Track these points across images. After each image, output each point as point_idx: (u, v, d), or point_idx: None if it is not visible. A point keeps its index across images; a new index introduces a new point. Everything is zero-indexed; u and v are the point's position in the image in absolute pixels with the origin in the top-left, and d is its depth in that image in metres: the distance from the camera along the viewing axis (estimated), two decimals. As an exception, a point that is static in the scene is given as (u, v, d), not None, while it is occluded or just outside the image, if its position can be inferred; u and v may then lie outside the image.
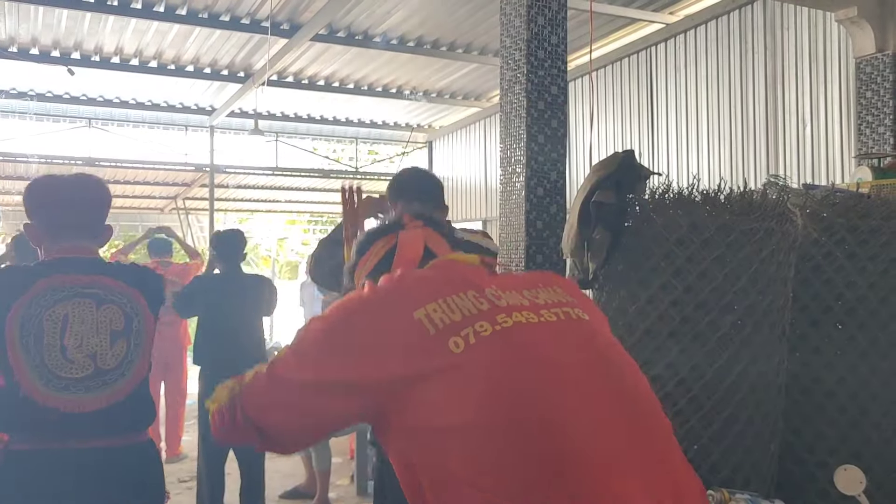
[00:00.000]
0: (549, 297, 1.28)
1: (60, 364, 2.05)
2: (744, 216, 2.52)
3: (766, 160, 5.61)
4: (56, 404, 2.03)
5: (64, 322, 2.08)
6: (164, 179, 10.67)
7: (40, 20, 6.22)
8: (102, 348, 2.11)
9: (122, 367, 2.14)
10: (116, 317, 2.16)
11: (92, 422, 2.08)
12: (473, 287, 1.22)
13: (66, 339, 2.08)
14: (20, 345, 2.03)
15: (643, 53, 6.73)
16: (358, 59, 7.49)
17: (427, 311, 1.17)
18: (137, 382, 2.19)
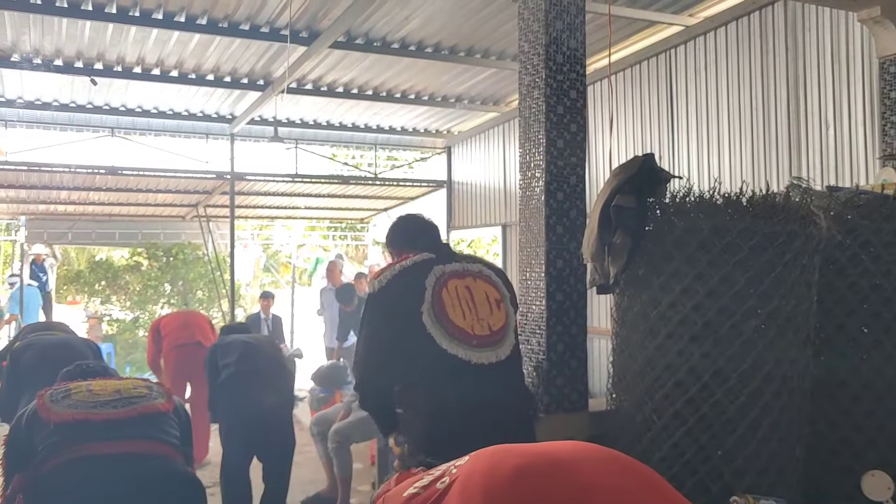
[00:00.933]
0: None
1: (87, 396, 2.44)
2: (766, 219, 2.50)
3: (788, 162, 5.56)
4: (86, 417, 2.27)
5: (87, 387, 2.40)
6: (186, 187, 10.77)
7: (64, 32, 6.30)
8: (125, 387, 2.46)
9: (146, 397, 2.48)
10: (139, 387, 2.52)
11: (120, 426, 2.23)
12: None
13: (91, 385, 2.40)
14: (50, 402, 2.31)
15: (663, 56, 6.69)
16: (376, 66, 7.52)
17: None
18: (162, 410, 2.42)
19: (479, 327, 2.42)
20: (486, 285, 2.54)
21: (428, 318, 2.37)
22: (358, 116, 9.62)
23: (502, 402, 2.42)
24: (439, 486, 1.18)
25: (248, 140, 9.93)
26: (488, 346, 2.42)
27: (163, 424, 2.30)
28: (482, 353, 2.40)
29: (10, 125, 8.54)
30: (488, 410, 2.34)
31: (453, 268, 2.51)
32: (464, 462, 1.21)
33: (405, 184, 11.40)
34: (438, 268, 2.48)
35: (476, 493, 1.11)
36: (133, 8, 5.88)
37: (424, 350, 2.38)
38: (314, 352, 10.63)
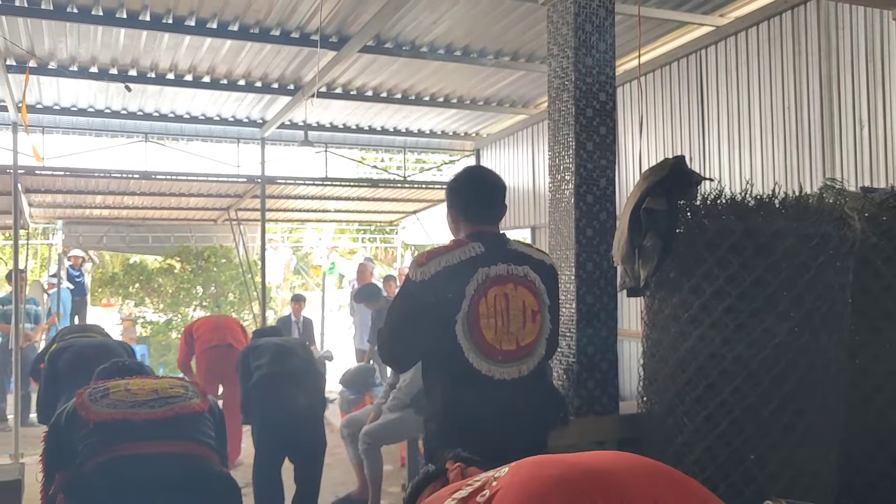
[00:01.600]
0: None
1: (125, 396, 2.47)
2: (799, 221, 2.48)
3: (821, 163, 5.49)
4: (125, 416, 2.29)
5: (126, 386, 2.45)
6: (217, 191, 10.90)
7: (99, 39, 6.42)
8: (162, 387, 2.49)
9: (183, 397, 2.54)
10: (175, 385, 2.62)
11: (159, 427, 2.27)
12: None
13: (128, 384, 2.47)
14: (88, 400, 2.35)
15: (693, 57, 6.64)
16: (405, 70, 7.56)
17: None
18: (198, 409, 2.46)
19: (507, 342, 2.40)
20: (527, 293, 2.47)
21: (460, 329, 2.36)
22: (387, 120, 9.67)
23: (520, 419, 2.42)
24: (479, 500, 1.16)
25: (279, 144, 10.03)
26: (513, 361, 2.41)
27: (199, 424, 2.33)
28: (505, 369, 2.40)
29: (48, 131, 8.71)
30: (505, 425, 2.36)
31: (497, 271, 2.43)
32: (503, 474, 1.19)
33: (434, 186, 11.43)
34: (483, 271, 2.42)
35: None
36: (166, 15, 5.98)
37: (450, 359, 2.38)
38: (345, 354, 10.71)
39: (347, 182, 11.04)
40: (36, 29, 6.16)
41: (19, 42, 6.29)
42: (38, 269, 15.26)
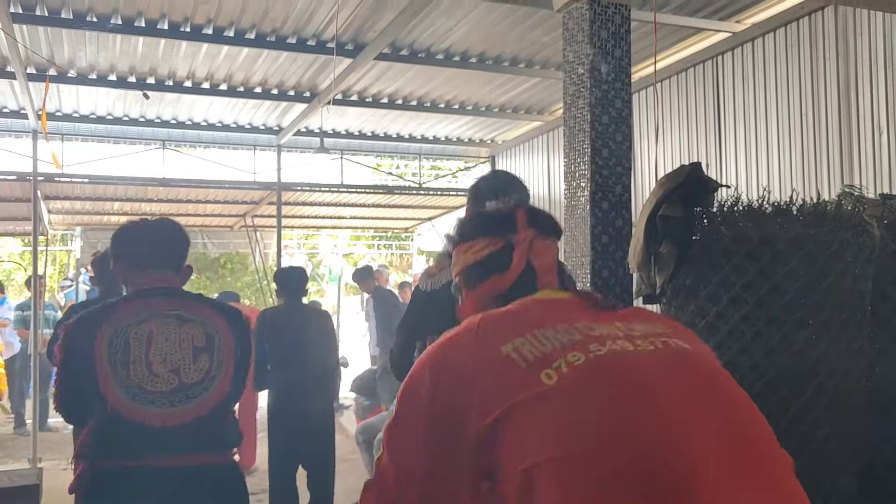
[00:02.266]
0: (645, 329, 1.20)
1: (146, 378, 2.14)
2: (818, 228, 2.45)
3: (839, 170, 5.44)
4: (142, 418, 2.11)
5: (148, 339, 2.19)
6: (234, 198, 10.96)
7: (118, 48, 6.49)
8: (185, 363, 2.19)
9: (205, 382, 2.21)
10: (198, 334, 2.26)
11: (176, 437, 2.14)
12: (564, 321, 1.17)
13: (150, 354, 2.17)
14: (108, 361, 2.14)
15: (709, 63, 6.62)
16: (421, 77, 7.58)
17: (515, 346, 1.11)
18: (220, 398, 2.25)
19: None
20: None
21: None
22: (402, 127, 9.70)
23: None
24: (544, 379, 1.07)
25: (295, 151, 10.08)
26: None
27: (220, 419, 2.28)
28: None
29: (67, 138, 8.80)
30: None
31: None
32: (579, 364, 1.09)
33: (449, 193, 11.45)
34: None
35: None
36: (184, 24, 6.03)
37: None
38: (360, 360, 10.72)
39: (363, 189, 11.08)
40: (56, 38, 6.23)
41: (40, 51, 6.37)
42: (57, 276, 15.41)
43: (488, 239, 1.38)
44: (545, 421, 1.03)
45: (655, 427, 1.03)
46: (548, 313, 1.20)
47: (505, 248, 1.35)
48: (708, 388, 1.14)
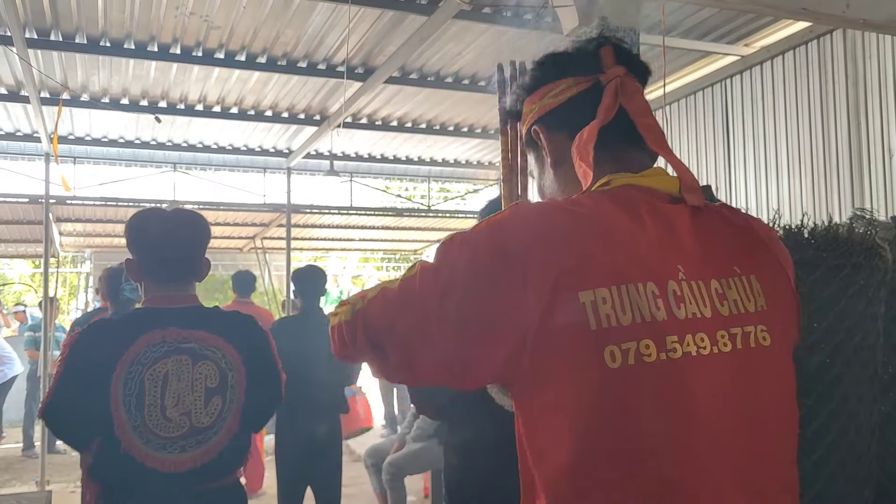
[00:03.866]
0: (738, 298, 1.06)
1: (159, 423, 2.10)
2: (829, 252, 2.44)
3: (850, 193, 5.43)
4: (154, 464, 2.07)
5: (164, 381, 2.12)
6: (244, 220, 11.01)
7: (131, 72, 6.56)
8: (197, 407, 2.15)
9: (216, 426, 2.17)
10: (212, 373, 2.20)
11: (186, 480, 2.12)
12: (656, 275, 1.00)
13: (165, 397, 2.12)
14: (123, 404, 2.08)
15: (718, 86, 6.64)
16: (430, 100, 7.63)
17: (595, 298, 0.95)
18: (229, 439, 2.21)
19: None
20: None
21: None
22: (412, 149, 9.74)
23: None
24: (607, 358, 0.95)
25: (305, 174, 10.13)
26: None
27: (229, 456, 2.26)
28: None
29: (80, 161, 8.88)
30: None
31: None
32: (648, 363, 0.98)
33: (458, 215, 11.47)
34: None
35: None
36: (196, 48, 6.10)
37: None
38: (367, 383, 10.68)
39: (372, 211, 11.11)
40: (70, 62, 6.31)
41: (53, 75, 6.44)
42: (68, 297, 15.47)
43: (573, 79, 1.18)
44: (585, 404, 0.95)
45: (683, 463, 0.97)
46: (645, 248, 1.01)
47: (593, 88, 1.16)
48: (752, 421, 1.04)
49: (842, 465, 2.41)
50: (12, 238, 10.89)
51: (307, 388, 4.40)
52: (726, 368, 1.01)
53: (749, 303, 1.06)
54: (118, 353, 2.10)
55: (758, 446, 1.04)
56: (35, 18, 5.49)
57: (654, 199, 1.09)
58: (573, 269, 0.96)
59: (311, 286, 4.64)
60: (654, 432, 0.95)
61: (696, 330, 0.99)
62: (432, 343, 1.02)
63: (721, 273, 1.06)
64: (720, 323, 1.02)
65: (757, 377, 1.05)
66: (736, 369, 1.02)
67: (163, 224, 2.32)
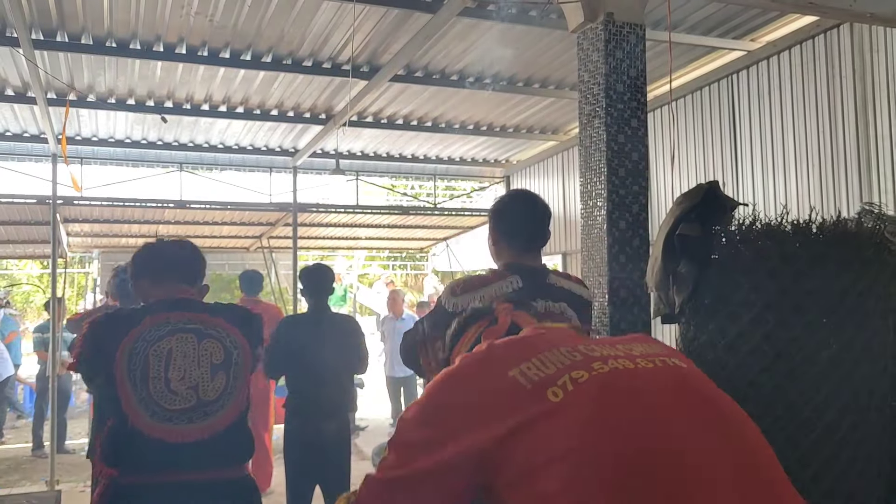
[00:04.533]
0: (644, 350, 1.27)
1: (165, 396, 2.18)
2: (838, 246, 2.43)
3: (858, 187, 5.40)
4: (161, 435, 2.15)
5: (168, 356, 2.23)
6: (250, 220, 11.02)
7: (137, 72, 6.57)
8: (204, 380, 2.23)
9: (222, 399, 2.25)
10: (216, 350, 2.30)
11: (193, 453, 2.17)
12: (567, 344, 1.24)
13: (170, 372, 2.21)
14: (128, 378, 2.18)
15: (724, 81, 6.61)
16: (435, 98, 7.62)
17: (521, 370, 1.17)
18: (237, 414, 2.29)
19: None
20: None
21: None
22: (417, 147, 9.74)
23: None
24: (550, 396, 1.12)
25: (311, 173, 10.14)
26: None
27: (236, 433, 2.30)
28: None
29: (86, 162, 8.90)
30: None
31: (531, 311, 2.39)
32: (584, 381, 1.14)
33: (464, 213, 11.46)
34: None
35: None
36: (202, 48, 6.10)
37: None
38: (375, 381, 10.70)
39: (378, 210, 11.11)
40: (76, 63, 6.32)
41: (60, 76, 6.46)
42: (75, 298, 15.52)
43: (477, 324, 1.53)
44: (553, 434, 1.08)
45: (655, 436, 1.08)
46: (550, 340, 1.26)
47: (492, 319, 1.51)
48: (704, 403, 1.19)
49: (853, 462, 2.40)
50: (20, 239, 10.93)
51: (315, 385, 4.42)
52: (658, 374, 1.19)
53: (654, 350, 1.28)
54: (123, 333, 2.23)
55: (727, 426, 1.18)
56: (41, 19, 5.50)
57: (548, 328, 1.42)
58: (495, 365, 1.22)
59: (317, 284, 4.65)
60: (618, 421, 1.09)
61: (616, 358, 1.20)
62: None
63: (620, 342, 1.29)
64: (634, 357, 1.22)
65: (690, 378, 1.23)
66: (668, 375, 1.20)
67: (163, 247, 2.53)
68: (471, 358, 1.26)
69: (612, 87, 3.32)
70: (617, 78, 3.33)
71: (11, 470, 7.85)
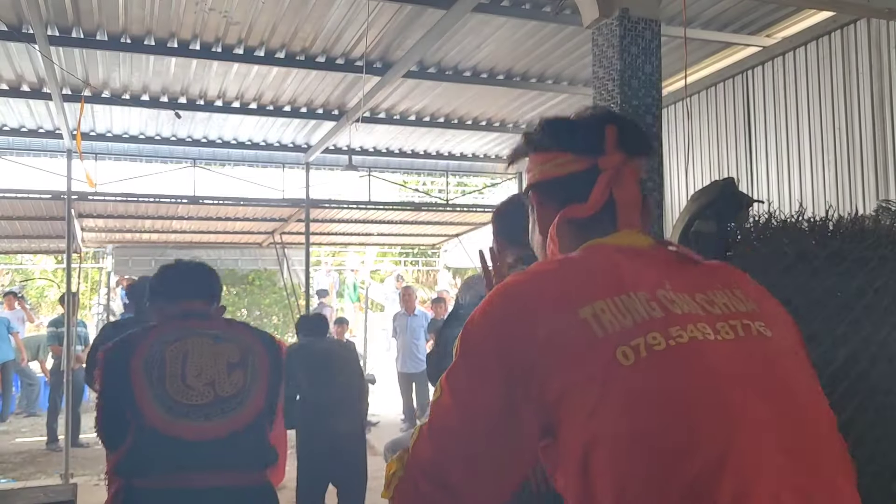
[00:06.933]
0: (727, 303, 1.11)
1: (181, 390, 2.16)
2: (855, 244, 2.41)
3: (875, 184, 5.36)
4: (178, 433, 2.10)
5: (184, 355, 2.22)
6: (263, 215, 11.06)
7: (151, 68, 6.60)
8: (220, 377, 2.21)
9: (239, 396, 2.22)
10: (233, 351, 2.29)
11: (212, 452, 2.13)
12: (645, 287, 1.08)
13: (186, 368, 2.21)
14: (144, 377, 2.16)
15: (739, 77, 6.57)
16: (448, 94, 7.61)
17: (595, 310, 1.03)
18: (254, 415, 2.24)
19: None
20: None
21: None
22: (430, 144, 9.73)
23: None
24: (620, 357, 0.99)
25: (323, 169, 10.16)
26: None
27: (254, 436, 2.27)
28: None
29: (100, 158, 8.94)
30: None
31: None
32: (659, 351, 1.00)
33: (476, 209, 11.45)
34: None
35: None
36: (215, 44, 6.12)
37: None
38: (387, 377, 10.72)
39: (390, 205, 11.11)
40: (91, 59, 6.36)
41: (75, 72, 6.49)
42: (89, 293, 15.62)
43: (572, 156, 1.24)
44: (610, 407, 0.98)
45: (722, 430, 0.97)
46: (629, 271, 1.10)
47: (590, 170, 1.22)
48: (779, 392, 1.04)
49: (870, 460, 2.38)
50: (35, 234, 11.00)
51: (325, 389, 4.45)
52: (736, 350, 1.04)
53: (739, 304, 1.12)
54: (140, 340, 2.25)
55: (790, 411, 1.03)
56: (57, 16, 5.53)
57: (626, 249, 1.17)
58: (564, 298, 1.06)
59: (313, 329, 4.93)
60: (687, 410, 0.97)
61: (695, 321, 1.05)
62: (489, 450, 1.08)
63: (704, 288, 1.12)
64: (715, 318, 1.07)
65: (770, 355, 1.07)
66: (747, 352, 1.05)
67: (179, 268, 2.56)
68: (534, 281, 1.09)
69: (627, 83, 3.30)
70: (632, 74, 3.31)
71: (27, 463, 7.92)
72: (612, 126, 1.23)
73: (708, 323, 1.05)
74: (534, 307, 1.06)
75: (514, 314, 1.07)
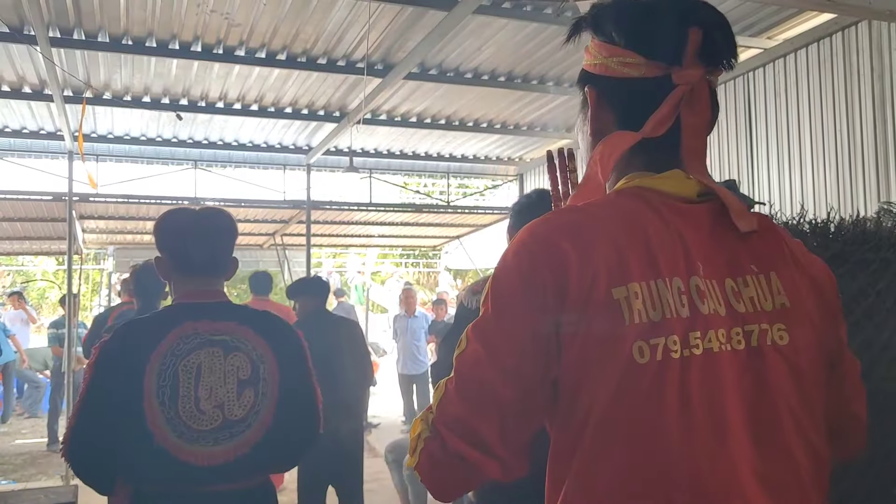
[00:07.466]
0: (754, 296, 1.03)
1: (193, 415, 2.07)
2: (857, 246, 2.41)
3: (876, 186, 5.36)
4: (188, 458, 2.04)
5: (197, 372, 2.10)
6: (264, 217, 11.07)
7: (153, 70, 6.60)
8: (230, 399, 2.11)
9: (248, 418, 2.14)
10: (244, 365, 2.17)
11: (220, 474, 2.08)
12: (679, 271, 0.99)
13: (199, 389, 2.09)
14: (156, 396, 2.05)
15: (741, 79, 6.57)
16: (449, 95, 7.62)
17: (628, 293, 0.96)
18: (263, 432, 2.15)
19: None
20: None
21: None
22: (431, 145, 9.74)
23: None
24: (636, 354, 0.95)
25: (324, 170, 10.17)
26: None
27: (263, 454, 2.21)
28: None
29: (102, 159, 8.96)
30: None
31: None
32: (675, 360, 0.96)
33: (477, 211, 11.45)
34: None
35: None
36: (217, 46, 6.13)
37: None
38: (387, 380, 10.72)
39: (391, 207, 11.12)
40: (92, 61, 6.36)
41: (76, 73, 6.50)
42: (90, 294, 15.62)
43: (642, 59, 1.07)
44: (618, 396, 0.95)
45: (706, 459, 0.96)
46: (667, 246, 1.00)
47: (661, 80, 1.06)
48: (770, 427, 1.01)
49: (870, 464, 2.38)
50: (36, 235, 11.01)
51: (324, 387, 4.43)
52: (740, 371, 1.00)
53: (766, 301, 1.04)
54: (151, 347, 2.09)
55: (769, 438, 1.00)
56: (58, 18, 5.54)
57: (670, 201, 1.06)
58: (600, 271, 0.98)
59: (311, 295, 4.76)
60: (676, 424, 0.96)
61: (716, 326, 0.99)
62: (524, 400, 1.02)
63: (738, 271, 1.04)
64: (736, 320, 1.01)
65: (771, 379, 1.01)
66: (751, 374, 1.01)
67: (190, 220, 2.34)
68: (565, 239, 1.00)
69: (628, 85, 3.30)
70: (633, 76, 3.31)
71: (27, 464, 7.92)
72: (697, 30, 1.06)
73: (725, 328, 1.00)
74: (566, 269, 0.98)
75: (547, 270, 0.99)
